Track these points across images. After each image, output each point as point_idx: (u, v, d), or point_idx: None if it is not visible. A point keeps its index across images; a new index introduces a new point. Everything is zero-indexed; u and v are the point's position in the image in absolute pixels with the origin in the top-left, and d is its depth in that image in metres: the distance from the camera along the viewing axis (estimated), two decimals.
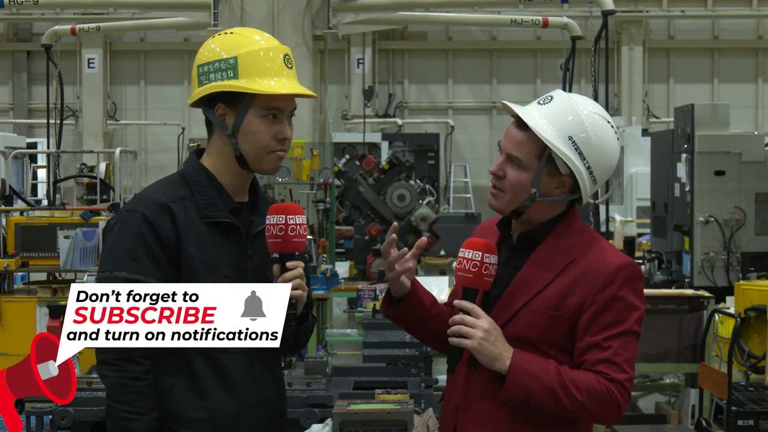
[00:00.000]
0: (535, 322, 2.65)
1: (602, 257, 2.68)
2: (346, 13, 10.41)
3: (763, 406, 5.84)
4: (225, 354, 2.74)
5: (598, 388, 2.57)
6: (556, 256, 2.69)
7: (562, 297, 2.65)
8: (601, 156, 2.69)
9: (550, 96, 2.74)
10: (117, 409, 2.66)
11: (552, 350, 2.64)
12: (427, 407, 4.68)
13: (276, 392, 2.88)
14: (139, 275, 2.68)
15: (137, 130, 21.83)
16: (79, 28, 11.67)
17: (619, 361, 2.60)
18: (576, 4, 11.42)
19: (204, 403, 2.73)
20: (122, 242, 2.72)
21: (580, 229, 2.75)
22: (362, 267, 10.39)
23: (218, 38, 2.83)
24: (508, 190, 2.70)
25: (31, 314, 8.01)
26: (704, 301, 6.47)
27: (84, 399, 4.98)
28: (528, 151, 2.67)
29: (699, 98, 18.52)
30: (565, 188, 2.70)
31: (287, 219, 2.72)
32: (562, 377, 2.57)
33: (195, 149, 2.92)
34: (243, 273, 2.79)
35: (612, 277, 2.64)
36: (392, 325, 5.75)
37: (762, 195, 9.08)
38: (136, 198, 2.81)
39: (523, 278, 2.70)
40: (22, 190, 12.78)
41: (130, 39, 21.69)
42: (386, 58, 21.66)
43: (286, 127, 2.80)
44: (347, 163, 11.33)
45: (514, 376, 2.56)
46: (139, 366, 2.66)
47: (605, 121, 2.71)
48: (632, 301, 2.65)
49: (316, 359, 5.27)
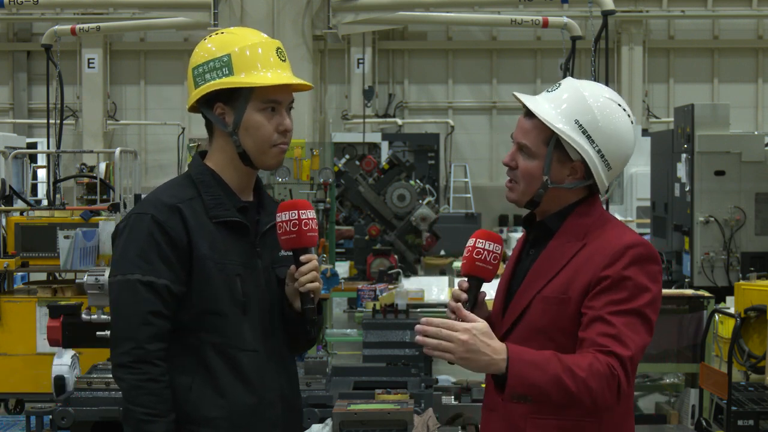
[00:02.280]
0: (546, 309, 2.60)
1: (612, 237, 2.62)
2: (346, 13, 10.40)
3: (763, 406, 5.84)
4: (242, 351, 2.75)
5: (597, 365, 2.46)
6: (569, 243, 2.65)
7: (570, 280, 2.59)
8: (612, 139, 2.63)
9: (558, 84, 2.72)
10: (135, 412, 2.65)
11: (565, 338, 2.57)
12: (427, 407, 4.68)
13: (291, 388, 2.90)
14: (152, 277, 2.68)
15: (137, 130, 21.83)
16: (79, 28, 11.66)
17: (623, 337, 2.49)
18: (576, 4, 11.41)
19: (222, 402, 2.73)
20: (133, 244, 2.71)
21: (596, 215, 2.68)
22: (362, 267, 10.38)
23: (209, 39, 2.85)
24: (521, 180, 2.68)
25: (31, 314, 8.01)
26: (704, 301, 6.48)
27: (84, 399, 4.98)
28: (535, 138, 2.65)
29: (699, 98, 18.52)
30: (577, 175, 2.66)
31: (300, 214, 2.74)
32: (562, 360, 2.47)
33: (198, 151, 2.92)
34: (253, 271, 2.80)
35: (618, 255, 2.56)
36: (392, 325, 5.76)
37: (762, 195, 9.07)
38: (145, 201, 2.81)
39: (537, 267, 2.67)
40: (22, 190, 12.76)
41: (130, 39, 21.69)
42: (386, 58, 21.66)
43: (286, 119, 2.82)
44: (347, 163, 11.33)
45: (514, 369, 2.45)
46: (156, 368, 2.66)
47: (616, 105, 2.66)
48: (642, 282, 2.55)
49: (316, 359, 5.27)
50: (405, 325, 5.73)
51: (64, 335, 5.87)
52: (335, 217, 10.58)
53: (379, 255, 10.18)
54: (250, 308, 2.78)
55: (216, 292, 2.73)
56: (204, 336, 2.73)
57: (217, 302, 2.73)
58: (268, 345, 2.81)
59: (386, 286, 8.79)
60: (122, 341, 2.67)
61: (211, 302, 2.73)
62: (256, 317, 2.79)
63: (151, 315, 2.66)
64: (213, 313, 2.73)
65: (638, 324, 2.53)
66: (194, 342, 2.73)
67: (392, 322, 5.80)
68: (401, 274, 9.39)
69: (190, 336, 2.73)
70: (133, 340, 2.65)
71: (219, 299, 2.74)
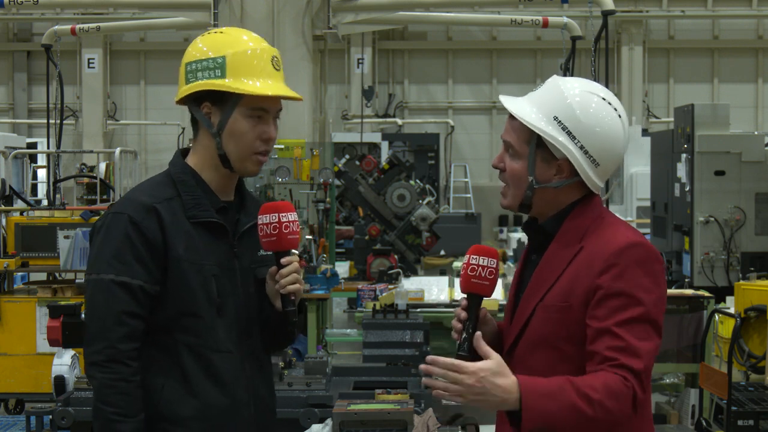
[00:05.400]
0: (548, 318, 2.53)
1: (608, 238, 2.53)
2: (346, 13, 10.40)
3: (763, 406, 5.83)
4: (216, 352, 2.76)
5: (611, 383, 2.38)
6: (567, 247, 2.57)
7: (570, 286, 2.51)
8: (596, 135, 2.55)
9: (542, 83, 2.69)
10: (105, 411, 2.66)
11: (570, 347, 2.51)
12: (427, 407, 4.68)
13: (267, 388, 2.91)
14: (126, 277, 2.69)
15: (137, 130, 21.82)
16: (79, 28, 11.66)
17: (633, 348, 2.41)
18: (576, 4, 11.41)
19: (195, 402, 2.74)
20: (109, 244, 2.72)
21: (594, 215, 2.61)
22: (362, 267, 10.37)
23: (207, 37, 2.85)
24: (510, 183, 2.65)
25: (31, 314, 8.02)
26: (704, 301, 6.48)
27: (84, 399, 4.98)
28: (518, 138, 2.61)
29: (699, 98, 18.51)
30: (564, 174, 2.59)
31: (280, 217, 2.75)
32: (575, 385, 2.38)
33: (180, 149, 2.93)
34: (231, 272, 2.81)
35: (615, 258, 2.48)
36: (392, 325, 5.76)
37: (762, 195, 9.07)
38: (123, 200, 2.82)
39: (538, 274, 2.61)
40: (22, 190, 12.77)
41: (130, 39, 21.68)
42: (386, 58, 21.65)
43: (271, 128, 2.81)
44: (347, 163, 11.32)
45: (528, 403, 2.35)
46: (128, 368, 2.67)
47: (599, 99, 2.58)
48: (643, 284, 2.46)
49: (316, 359, 5.27)
50: (405, 325, 5.73)
51: (64, 335, 5.87)
52: (335, 217, 10.58)
53: (379, 255, 10.17)
54: (226, 309, 2.78)
55: (191, 293, 2.74)
56: (178, 336, 2.74)
57: (192, 303, 2.74)
58: (243, 346, 2.83)
59: (386, 286, 8.79)
60: (95, 340, 2.69)
61: (187, 303, 2.74)
62: (232, 318, 2.80)
63: (124, 315, 2.68)
64: (188, 314, 2.74)
65: (646, 330, 2.46)
66: (168, 342, 2.74)
67: (392, 322, 5.80)
68: (401, 274, 9.38)
69: (165, 336, 2.74)
70: (106, 339, 2.67)
71: (194, 300, 2.74)
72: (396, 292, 8.02)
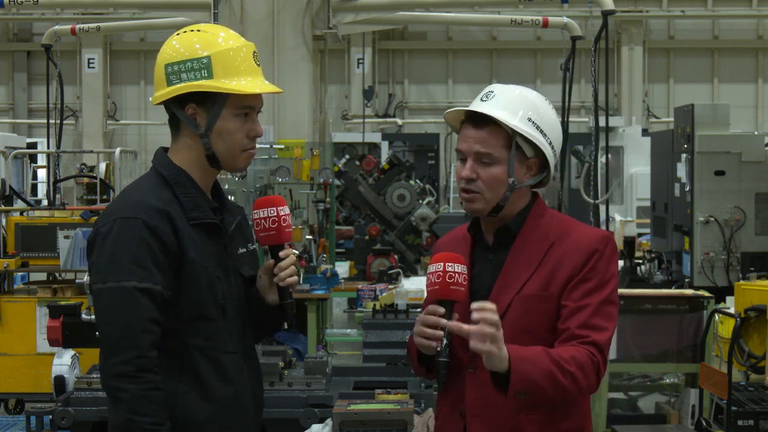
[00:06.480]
0: (528, 308, 2.70)
1: (581, 235, 2.76)
2: (346, 13, 10.40)
3: (763, 406, 5.83)
4: (225, 354, 2.76)
5: (581, 357, 2.61)
6: (536, 243, 2.76)
7: (549, 277, 2.71)
8: (554, 129, 2.80)
9: (489, 91, 2.80)
10: (139, 422, 2.58)
11: (548, 335, 2.69)
12: (427, 407, 4.68)
13: (260, 384, 2.95)
14: (149, 283, 2.62)
15: (137, 130, 21.83)
16: (79, 28, 11.66)
17: (599, 325, 2.67)
18: (576, 4, 11.40)
19: (210, 404, 2.73)
20: (125, 250, 2.64)
21: (550, 214, 2.83)
22: (362, 267, 10.38)
23: (183, 36, 2.78)
24: (486, 189, 2.73)
25: (31, 314, 8.01)
26: (704, 301, 6.47)
27: (84, 399, 4.98)
28: (495, 145, 2.73)
29: (699, 98, 18.52)
30: (533, 171, 2.78)
31: (278, 210, 2.76)
32: (551, 355, 2.59)
33: (161, 148, 2.87)
34: (227, 272, 2.80)
35: (593, 251, 2.72)
36: (392, 325, 5.76)
37: (762, 195, 9.07)
38: (128, 204, 2.72)
39: (508, 270, 2.75)
40: (22, 190, 12.78)
41: (130, 39, 21.68)
42: (386, 58, 21.66)
43: (258, 125, 2.81)
44: (347, 163, 11.32)
45: (517, 368, 2.54)
46: (157, 376, 2.61)
47: (540, 95, 2.83)
48: (612, 270, 2.74)
49: (316, 359, 5.27)
50: (405, 325, 5.73)
51: (64, 335, 5.87)
52: (335, 217, 10.58)
53: (379, 255, 10.17)
54: (227, 310, 2.78)
55: (203, 296, 2.72)
56: (190, 340, 2.71)
57: (205, 306, 2.72)
58: (243, 345, 2.84)
59: (386, 286, 8.80)
60: (120, 350, 2.59)
61: (201, 306, 2.72)
62: (232, 318, 2.80)
63: (150, 322, 2.61)
64: (202, 317, 2.72)
65: (610, 309, 2.71)
66: (180, 346, 2.70)
67: (392, 322, 5.79)
68: (401, 274, 9.39)
69: (174, 340, 2.69)
70: (135, 348, 2.58)
71: (206, 303, 2.72)
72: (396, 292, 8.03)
